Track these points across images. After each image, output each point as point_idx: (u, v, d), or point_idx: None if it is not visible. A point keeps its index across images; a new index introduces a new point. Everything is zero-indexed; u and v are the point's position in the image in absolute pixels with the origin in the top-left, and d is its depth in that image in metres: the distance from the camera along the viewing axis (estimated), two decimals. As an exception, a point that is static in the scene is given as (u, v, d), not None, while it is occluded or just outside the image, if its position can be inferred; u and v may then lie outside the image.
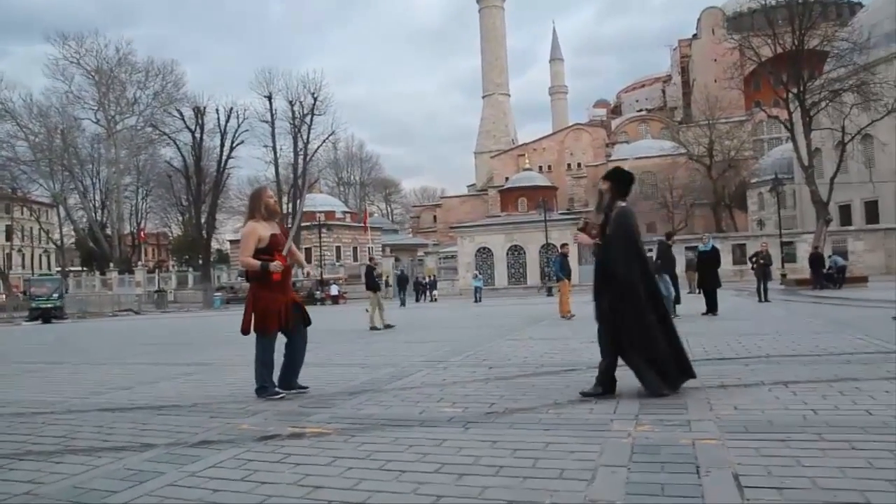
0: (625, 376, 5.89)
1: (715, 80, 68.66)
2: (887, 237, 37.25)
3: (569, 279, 14.90)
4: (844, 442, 3.37)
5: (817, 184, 34.57)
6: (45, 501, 3.05)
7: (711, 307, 13.47)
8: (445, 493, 2.89)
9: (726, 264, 38.88)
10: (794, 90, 34.77)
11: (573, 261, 21.63)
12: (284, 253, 5.59)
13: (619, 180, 5.15)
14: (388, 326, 13.98)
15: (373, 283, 14.96)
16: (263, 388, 5.54)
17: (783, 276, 31.20)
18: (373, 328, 13.80)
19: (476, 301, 31.24)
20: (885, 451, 3.18)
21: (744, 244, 42.90)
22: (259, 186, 7.61)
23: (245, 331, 5.58)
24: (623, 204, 5.09)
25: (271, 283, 5.48)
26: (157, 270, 68.62)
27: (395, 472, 3.26)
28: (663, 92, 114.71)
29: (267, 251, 5.50)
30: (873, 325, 9.44)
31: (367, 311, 14.89)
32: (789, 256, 36.84)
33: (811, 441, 3.43)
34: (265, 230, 5.54)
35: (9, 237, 75.57)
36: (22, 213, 75.57)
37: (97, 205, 67.32)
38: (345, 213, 72.31)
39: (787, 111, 36.57)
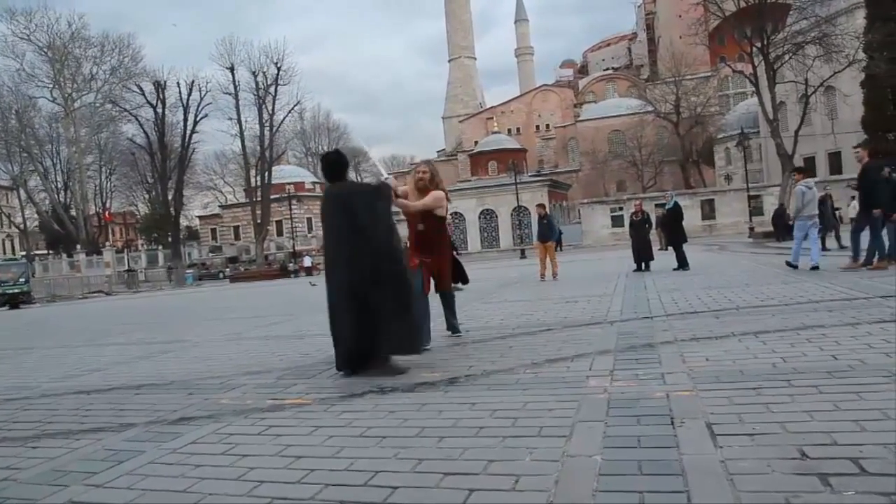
0: (600, 334, 5.98)
1: (680, 37, 68.65)
2: (850, 188, 37.99)
3: (542, 241, 14.80)
4: (812, 387, 3.47)
5: (782, 137, 34.98)
6: (25, 486, 3.03)
7: (682, 262, 13.67)
8: (426, 456, 2.93)
9: (696, 219, 39.50)
10: (758, 44, 34.91)
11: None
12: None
13: (323, 163, 5.51)
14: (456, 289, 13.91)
15: None
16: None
17: (751, 229, 31.75)
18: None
19: None
20: (851, 393, 3.29)
21: (712, 199, 43.43)
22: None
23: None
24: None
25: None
26: (126, 250, 67.49)
27: (376, 438, 3.29)
28: (629, 50, 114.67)
29: None
30: (838, 274, 9.68)
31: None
32: (756, 210, 37.39)
33: (780, 388, 3.53)
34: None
35: (-32, 223, 73.79)
36: (-19, 198, 73.52)
37: (59, 186, 65.60)
38: (314, 183, 71.37)
39: (751, 65, 36.77)
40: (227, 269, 53.45)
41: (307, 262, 43.97)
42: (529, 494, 2.41)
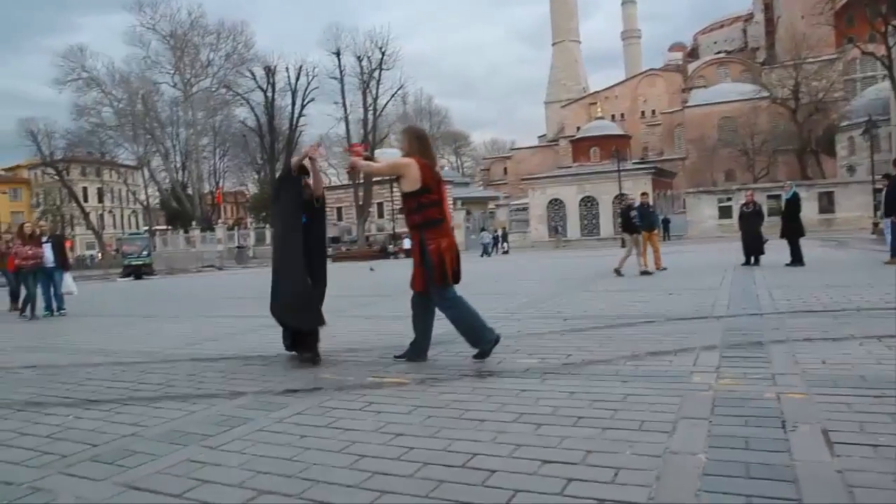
0: (705, 329, 5.77)
1: (802, 17, 64.41)
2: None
3: (649, 230, 14.01)
4: (944, 397, 3.21)
5: (916, 125, 32.25)
6: (150, 442, 3.27)
7: (796, 257, 12.90)
8: (524, 442, 2.93)
9: (813, 213, 37.13)
10: (894, 22, 32.24)
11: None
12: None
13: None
14: (644, 273, 12.91)
15: (629, 225, 13.84)
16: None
17: (875, 224, 29.51)
18: (644, 272, 12.90)
19: (482, 255, 34.15)
20: None
21: (832, 192, 40.67)
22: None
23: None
24: None
25: None
26: (236, 228, 71.02)
27: (474, 421, 3.32)
28: (744, 32, 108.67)
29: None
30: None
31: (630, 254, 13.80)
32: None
33: (907, 396, 3.28)
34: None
35: (101, 199, 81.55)
36: (111, 176, 79.86)
37: (178, 166, 69.87)
38: (415, 167, 72.32)
39: (885, 46, 34.02)
40: (330, 249, 55.17)
41: (406, 244, 44.75)
42: (629, 489, 2.36)
